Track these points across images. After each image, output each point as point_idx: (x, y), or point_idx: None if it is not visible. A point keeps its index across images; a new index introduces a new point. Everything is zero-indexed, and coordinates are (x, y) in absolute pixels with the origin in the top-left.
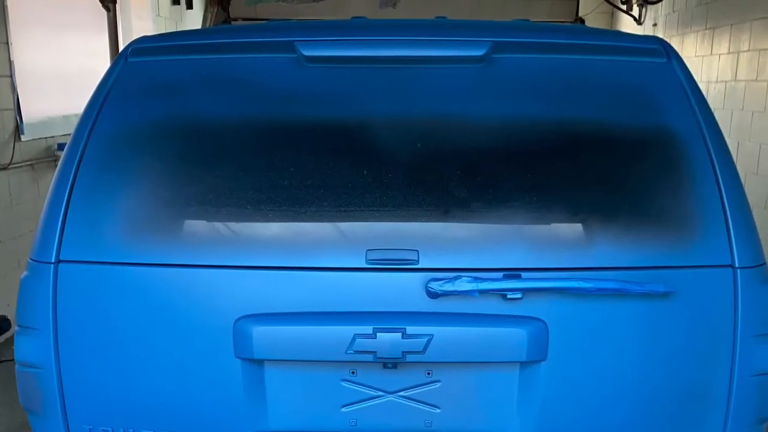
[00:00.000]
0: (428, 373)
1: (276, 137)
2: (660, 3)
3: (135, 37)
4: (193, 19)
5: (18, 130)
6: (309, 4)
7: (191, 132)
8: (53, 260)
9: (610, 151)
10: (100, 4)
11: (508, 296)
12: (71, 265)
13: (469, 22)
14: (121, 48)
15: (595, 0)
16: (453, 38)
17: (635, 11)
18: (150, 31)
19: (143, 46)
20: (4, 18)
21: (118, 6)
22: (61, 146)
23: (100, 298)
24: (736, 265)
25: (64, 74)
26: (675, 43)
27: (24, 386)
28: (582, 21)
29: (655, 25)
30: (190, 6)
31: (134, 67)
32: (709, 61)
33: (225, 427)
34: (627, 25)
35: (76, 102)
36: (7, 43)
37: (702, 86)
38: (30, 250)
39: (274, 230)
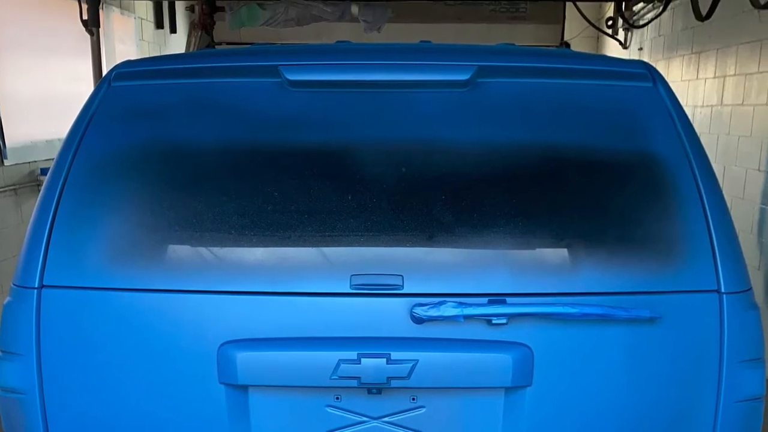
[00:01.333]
0: (413, 399)
1: (260, 162)
2: (646, 27)
3: (118, 61)
4: (177, 44)
5: (1, 154)
6: (293, 29)
7: (175, 157)
8: (36, 285)
9: (596, 175)
10: (84, 29)
11: (493, 321)
12: (55, 290)
13: (454, 47)
14: (104, 72)
15: (580, 24)
16: (438, 62)
17: (621, 35)
18: (133, 55)
19: (127, 70)
20: None
21: (101, 30)
22: (44, 171)
23: (83, 323)
24: (722, 291)
25: (47, 99)
26: (661, 68)
27: (7, 412)
28: (567, 45)
29: (641, 49)
30: (173, 30)
31: (118, 91)
32: (695, 86)
33: None
34: (613, 49)
35: (60, 126)
36: None
37: (688, 110)
38: (13, 275)
39: (259, 255)
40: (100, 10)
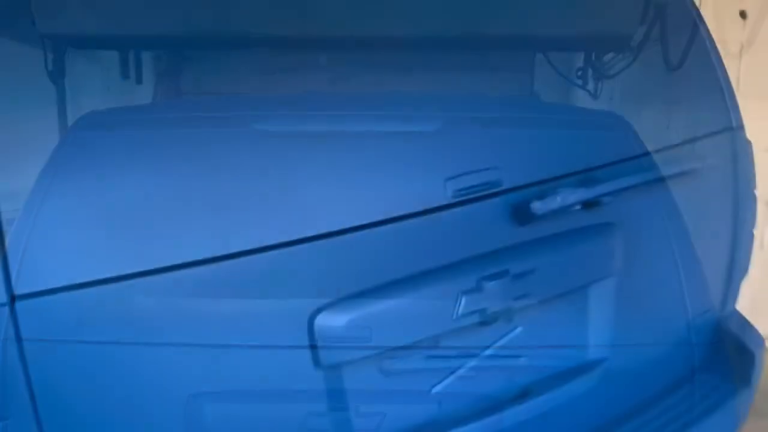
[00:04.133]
0: None
1: (228, 214)
2: (616, 77)
3: (84, 111)
4: (144, 94)
5: None
6: (261, 78)
7: (141, 208)
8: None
9: (566, 227)
10: (48, 78)
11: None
12: (17, 342)
13: (423, 97)
14: (69, 122)
15: (549, 74)
16: (406, 112)
17: (591, 85)
18: (99, 105)
19: (92, 120)
20: None
21: (66, 80)
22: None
23: (46, 376)
24: None
25: (10, 149)
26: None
27: None
28: (536, 95)
29: (611, 99)
30: (139, 80)
31: (83, 141)
32: None
33: None
34: (582, 99)
35: (24, 178)
36: None
37: None
38: None
39: (228, 307)
40: (65, 60)
